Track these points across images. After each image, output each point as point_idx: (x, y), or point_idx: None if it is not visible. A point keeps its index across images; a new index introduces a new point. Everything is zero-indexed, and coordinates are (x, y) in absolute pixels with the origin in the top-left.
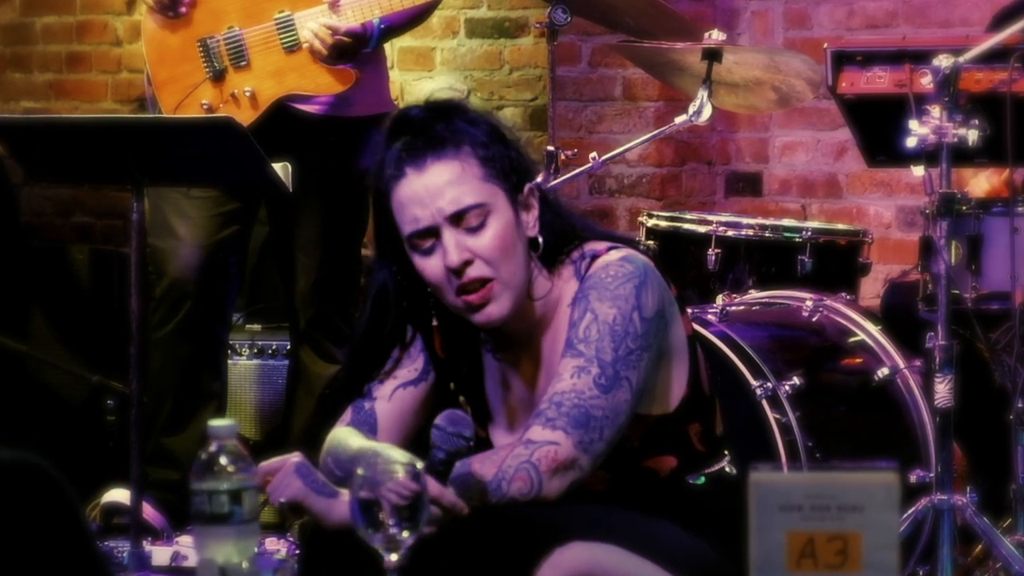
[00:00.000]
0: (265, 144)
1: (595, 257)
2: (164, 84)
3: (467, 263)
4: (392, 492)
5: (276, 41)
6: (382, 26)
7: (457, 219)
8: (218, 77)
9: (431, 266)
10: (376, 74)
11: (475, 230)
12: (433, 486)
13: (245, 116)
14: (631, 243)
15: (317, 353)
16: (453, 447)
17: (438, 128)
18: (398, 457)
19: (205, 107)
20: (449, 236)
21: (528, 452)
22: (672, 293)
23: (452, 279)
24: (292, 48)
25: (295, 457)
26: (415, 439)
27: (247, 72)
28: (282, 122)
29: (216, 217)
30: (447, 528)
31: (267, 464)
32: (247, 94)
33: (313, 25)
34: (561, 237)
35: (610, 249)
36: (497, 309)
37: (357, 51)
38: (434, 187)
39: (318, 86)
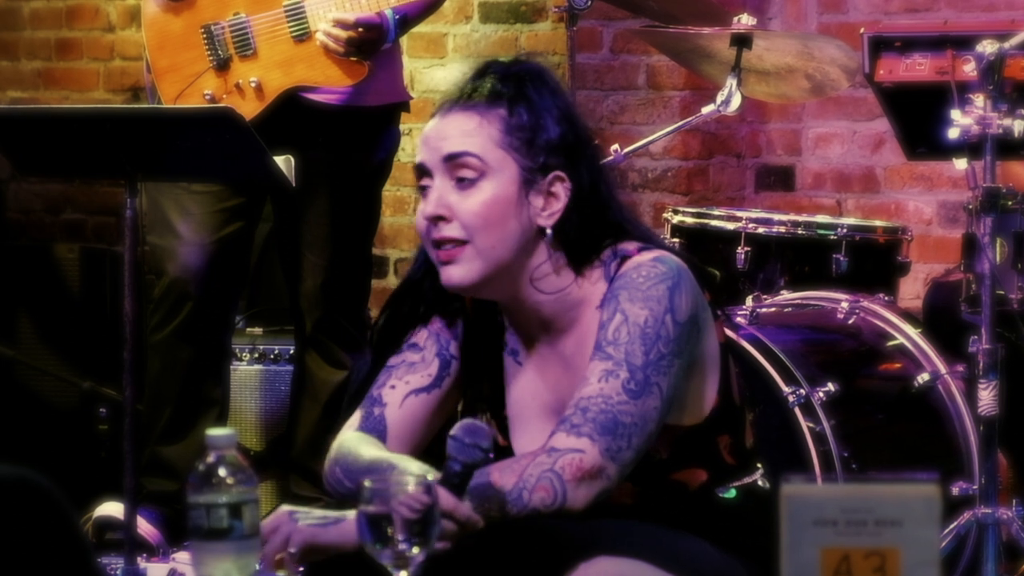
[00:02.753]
0: (271, 136)
1: (625, 258)
2: (164, 72)
3: (442, 218)
4: (404, 506)
5: (285, 29)
6: (396, 17)
7: (452, 165)
8: (222, 66)
9: (420, 211)
10: (389, 62)
11: (465, 186)
12: (447, 499)
13: (250, 108)
14: (666, 246)
15: (324, 358)
16: (469, 459)
17: (491, 83)
18: (414, 469)
19: (208, 97)
20: (438, 184)
21: (551, 460)
22: (706, 298)
23: (431, 229)
24: (301, 37)
25: (283, 508)
26: (427, 449)
27: (253, 61)
28: (289, 113)
29: (218, 213)
30: (465, 542)
31: (265, 530)
32: (253, 85)
33: (323, 25)
34: (592, 238)
35: (641, 250)
36: (460, 273)
37: (376, 45)
38: (444, 131)
39: (328, 78)
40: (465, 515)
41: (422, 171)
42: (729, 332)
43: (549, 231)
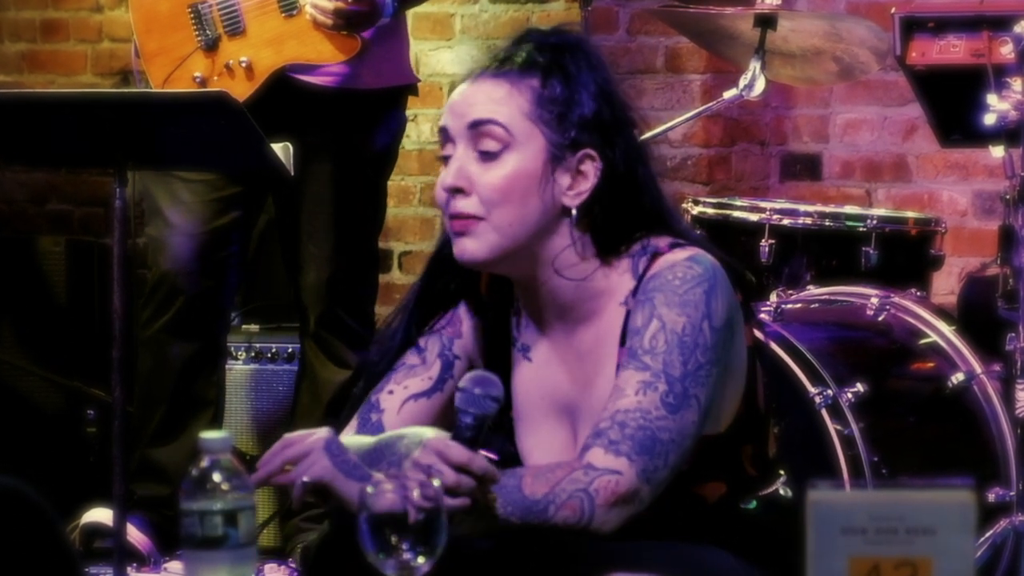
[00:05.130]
0: (265, 121)
1: (656, 254)
2: (153, 56)
3: (460, 190)
4: (415, 486)
5: (274, 4)
6: None
7: (476, 133)
8: (211, 46)
9: (439, 180)
10: (393, 40)
11: (487, 159)
12: (461, 452)
13: (241, 89)
14: (700, 242)
15: (327, 356)
16: (481, 410)
17: (527, 51)
18: (426, 433)
19: (198, 80)
20: (459, 154)
21: (587, 479)
22: (737, 299)
23: (449, 200)
24: (291, 12)
25: (324, 432)
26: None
27: (243, 40)
28: (285, 96)
29: (214, 202)
30: (476, 554)
31: (292, 436)
32: (243, 65)
33: None
34: (622, 225)
35: (673, 246)
36: (473, 247)
37: (369, 19)
38: (471, 97)
39: (320, 54)
40: (481, 467)
41: (445, 137)
42: (756, 332)
43: (574, 211)
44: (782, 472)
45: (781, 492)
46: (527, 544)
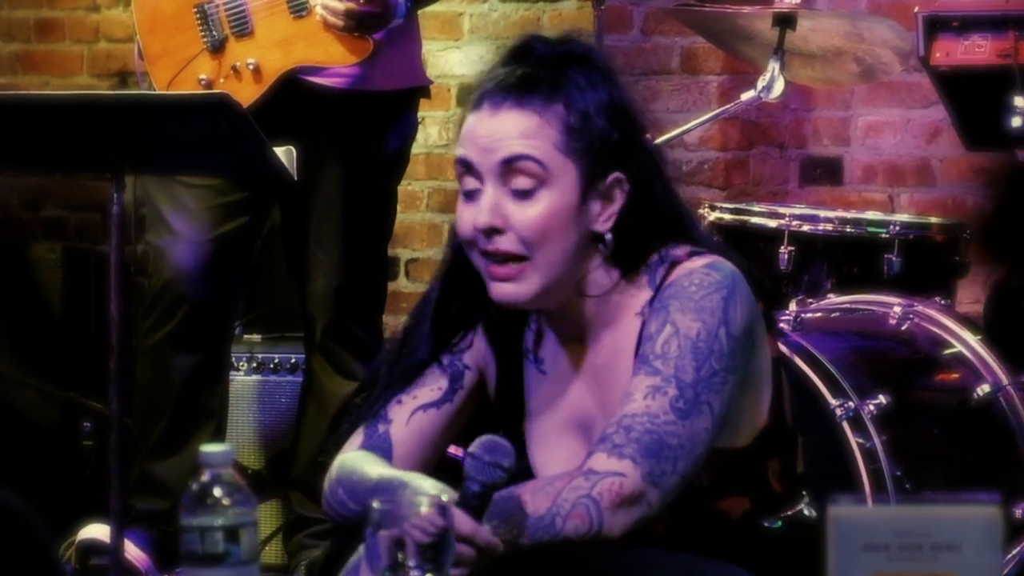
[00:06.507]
0: (272, 123)
1: (674, 263)
2: (157, 57)
3: (496, 230)
4: (416, 529)
5: (283, 5)
6: None
7: (509, 170)
8: (217, 48)
9: (464, 215)
10: (405, 41)
11: (522, 197)
12: (465, 522)
13: (248, 92)
14: (720, 249)
15: (333, 367)
16: (489, 479)
17: (543, 73)
18: (427, 488)
19: (203, 82)
20: (491, 192)
21: (589, 484)
22: (760, 308)
23: (481, 238)
24: (301, 13)
25: None
26: (435, 468)
27: (250, 41)
28: (293, 97)
29: (218, 208)
30: (482, 569)
31: None
32: (250, 67)
33: None
34: (646, 241)
35: (692, 254)
36: (516, 291)
37: (381, 21)
38: (498, 133)
39: (330, 56)
40: (485, 540)
41: (467, 169)
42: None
43: (608, 236)
44: (805, 492)
45: (805, 512)
46: (533, 561)
